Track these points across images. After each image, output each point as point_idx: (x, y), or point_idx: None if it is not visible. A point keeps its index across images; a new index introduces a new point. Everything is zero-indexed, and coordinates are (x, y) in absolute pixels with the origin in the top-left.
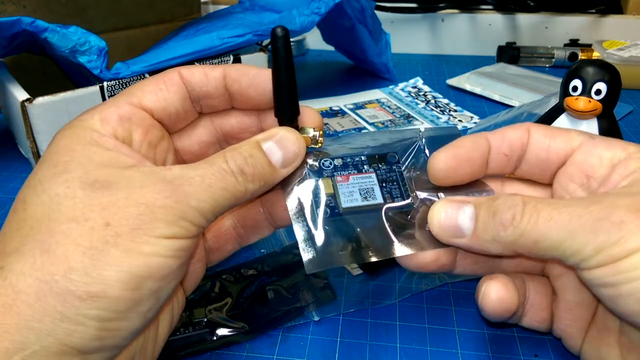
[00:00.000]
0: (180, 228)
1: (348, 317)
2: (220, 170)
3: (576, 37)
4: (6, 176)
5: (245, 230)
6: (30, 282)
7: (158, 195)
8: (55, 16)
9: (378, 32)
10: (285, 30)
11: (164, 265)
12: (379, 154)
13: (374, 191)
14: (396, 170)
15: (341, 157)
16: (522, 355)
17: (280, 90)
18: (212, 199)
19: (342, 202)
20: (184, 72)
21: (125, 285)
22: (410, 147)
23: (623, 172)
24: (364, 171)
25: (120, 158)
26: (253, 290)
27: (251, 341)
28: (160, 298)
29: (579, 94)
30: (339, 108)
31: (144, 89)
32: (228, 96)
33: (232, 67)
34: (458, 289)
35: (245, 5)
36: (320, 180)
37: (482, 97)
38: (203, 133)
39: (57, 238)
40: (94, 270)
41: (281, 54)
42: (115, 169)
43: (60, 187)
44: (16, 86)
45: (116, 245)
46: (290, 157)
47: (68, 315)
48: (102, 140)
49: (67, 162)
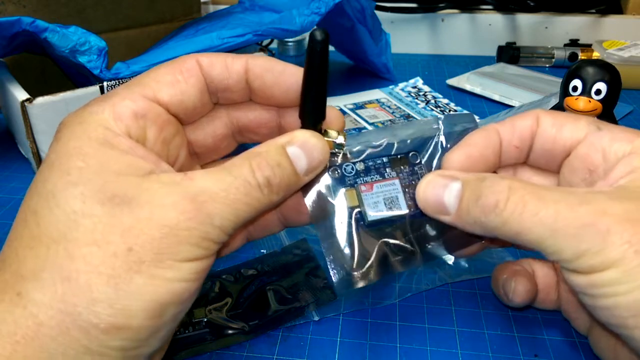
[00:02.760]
0: (202, 249)
1: (348, 317)
2: (246, 184)
3: (576, 37)
4: (6, 176)
5: (255, 227)
6: (52, 314)
7: (181, 217)
8: (55, 16)
9: (378, 32)
10: (325, 34)
11: (186, 289)
12: (401, 155)
13: (398, 200)
14: (418, 172)
15: (363, 161)
16: (522, 355)
17: (311, 93)
18: (235, 215)
19: (369, 215)
20: (204, 62)
21: (149, 315)
22: (429, 142)
23: (625, 168)
24: (387, 176)
25: (138, 163)
26: (253, 290)
27: (251, 341)
28: (178, 320)
29: (579, 94)
30: (339, 108)
31: (160, 79)
32: (248, 90)
33: (256, 60)
34: (458, 289)
35: (245, 5)
36: (344, 191)
37: (482, 97)
38: (218, 125)
39: (78, 265)
40: (118, 301)
41: (318, 58)
42: (134, 178)
43: (77, 201)
44: (16, 86)
45: (140, 273)
46: (315, 164)
47: (92, 347)
48: (116, 140)
49: (80, 169)
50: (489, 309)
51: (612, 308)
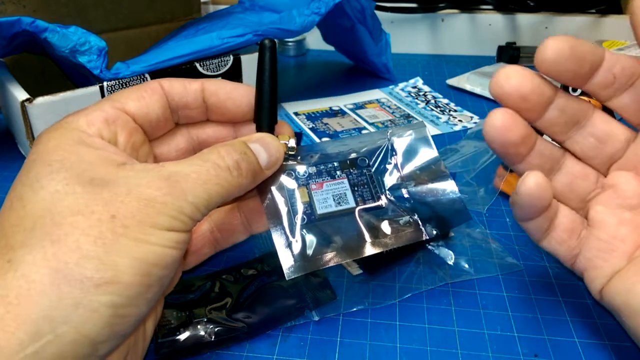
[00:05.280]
0: (179, 222)
1: (348, 317)
2: (215, 166)
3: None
4: (6, 176)
5: (222, 234)
6: (43, 272)
7: (157, 192)
8: (55, 16)
9: (378, 32)
10: (273, 42)
11: (168, 254)
12: (350, 159)
13: (347, 196)
14: (366, 174)
15: (315, 165)
16: (522, 355)
17: (263, 97)
18: (207, 194)
19: (318, 209)
20: (165, 83)
21: (136, 272)
22: (378, 149)
23: None
24: (337, 177)
25: (111, 156)
26: (253, 290)
27: (251, 341)
28: (163, 286)
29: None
30: (339, 108)
31: (127, 95)
32: (205, 108)
33: (211, 81)
34: (458, 289)
35: (245, 5)
36: (296, 189)
37: (482, 97)
38: (180, 141)
39: (65, 229)
40: (107, 257)
41: (267, 64)
42: (109, 167)
43: (59, 184)
44: (16, 86)
45: (125, 235)
46: (273, 160)
47: (83, 302)
48: (90, 140)
49: (61, 161)
50: (489, 309)
51: None
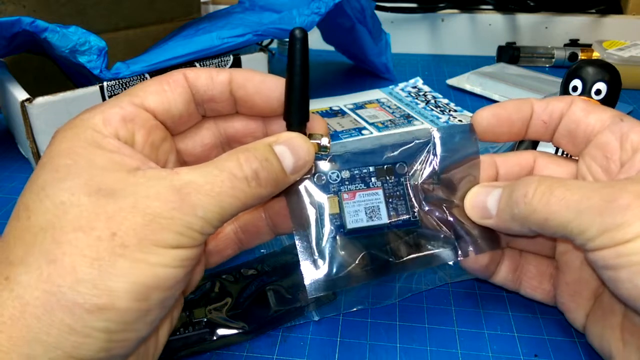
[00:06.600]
0: (187, 238)
1: (348, 317)
2: (231, 177)
3: (576, 37)
4: (6, 176)
5: (246, 235)
6: (37, 295)
7: (165, 206)
8: (55, 16)
9: (378, 32)
10: (304, 32)
11: (170, 275)
12: (387, 165)
13: (380, 210)
14: (403, 183)
15: (348, 170)
16: (522, 355)
17: (293, 93)
18: (220, 207)
19: (347, 223)
20: (189, 74)
21: (133, 297)
22: (418, 153)
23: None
24: (371, 186)
25: (124, 160)
26: (253, 290)
27: (251, 341)
28: (166, 307)
29: (579, 94)
30: (339, 108)
31: (147, 89)
32: (233, 101)
33: (239, 72)
34: (458, 289)
35: (245, 5)
36: (326, 198)
37: (482, 97)
38: (206, 135)
39: (64, 248)
40: (102, 281)
41: (298, 56)
42: (120, 173)
43: (65, 193)
44: (16, 86)
45: (123, 256)
46: (301, 164)
47: (76, 328)
48: (104, 142)
49: (69, 166)
50: (489, 309)
51: (634, 277)
